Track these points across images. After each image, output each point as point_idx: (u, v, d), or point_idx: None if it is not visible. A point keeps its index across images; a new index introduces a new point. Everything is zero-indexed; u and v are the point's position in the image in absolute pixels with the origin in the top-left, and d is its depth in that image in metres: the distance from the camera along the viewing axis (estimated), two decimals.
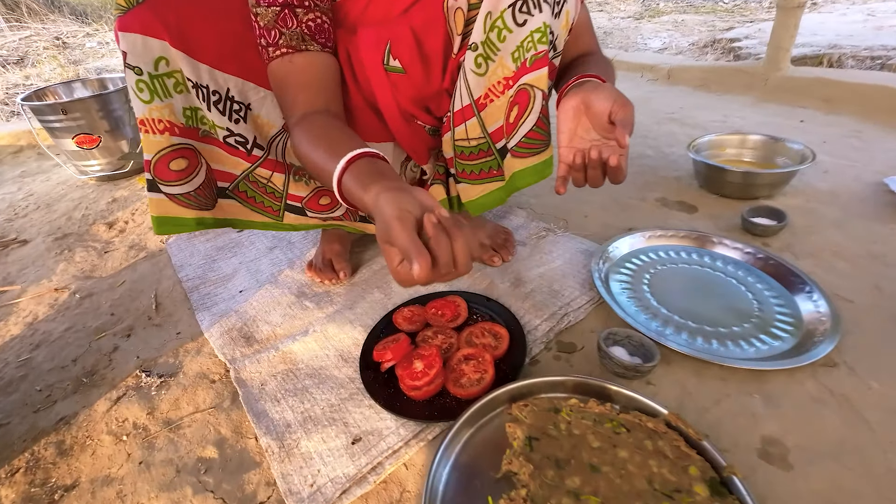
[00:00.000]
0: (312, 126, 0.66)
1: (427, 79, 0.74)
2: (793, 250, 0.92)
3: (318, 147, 0.62)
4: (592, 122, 0.64)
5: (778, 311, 0.76)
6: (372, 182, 0.49)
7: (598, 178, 0.66)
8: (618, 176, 0.64)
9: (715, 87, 1.93)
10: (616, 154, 0.62)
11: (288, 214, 0.86)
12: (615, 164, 0.62)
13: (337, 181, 0.53)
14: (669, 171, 1.29)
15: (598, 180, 0.66)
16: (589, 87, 0.64)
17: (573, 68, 0.77)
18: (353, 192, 0.51)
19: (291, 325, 0.84)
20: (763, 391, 0.63)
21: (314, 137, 0.64)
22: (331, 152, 0.60)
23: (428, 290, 0.87)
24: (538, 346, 0.73)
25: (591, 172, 0.66)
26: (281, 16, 0.62)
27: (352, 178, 0.52)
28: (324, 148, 0.62)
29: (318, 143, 0.63)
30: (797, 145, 1.12)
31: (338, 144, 0.62)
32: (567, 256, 0.93)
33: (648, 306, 0.79)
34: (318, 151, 0.60)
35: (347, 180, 0.52)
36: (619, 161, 0.62)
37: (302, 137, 0.64)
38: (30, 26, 3.89)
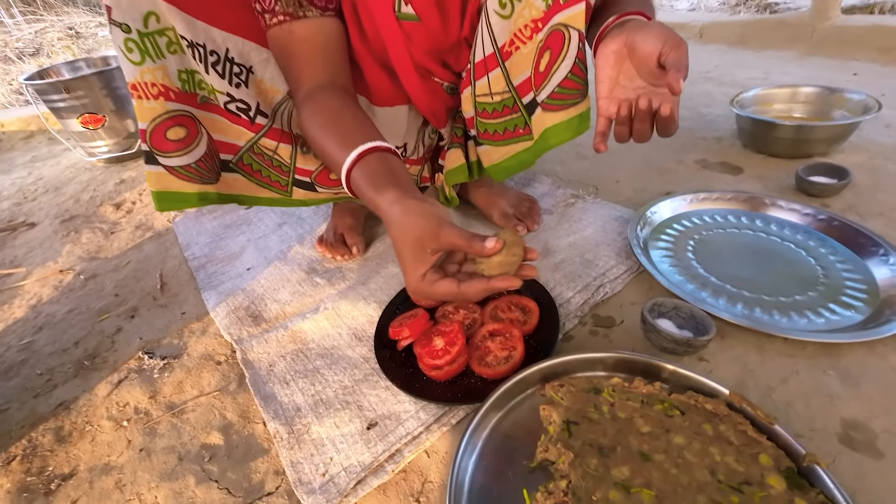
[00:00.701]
0: (320, 107, 0.60)
1: (444, 26, 0.65)
2: (857, 211, 0.81)
3: (327, 132, 0.57)
4: (638, 68, 0.54)
5: (847, 278, 0.67)
6: (384, 186, 0.48)
7: (646, 131, 0.56)
8: (670, 127, 0.54)
9: (754, 43, 1.77)
10: (668, 102, 0.53)
11: (297, 189, 0.79)
12: (667, 113, 0.52)
13: (346, 175, 0.51)
14: (708, 132, 1.17)
15: (646, 133, 0.56)
16: (633, 26, 0.54)
17: (610, 6, 0.67)
18: (363, 191, 0.50)
19: (301, 303, 0.78)
20: (839, 367, 0.55)
21: (322, 120, 0.59)
22: (340, 140, 0.56)
23: None
24: (572, 321, 0.65)
25: (637, 126, 0.56)
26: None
27: (362, 176, 0.50)
28: (333, 134, 0.57)
29: (326, 128, 0.58)
30: (858, 95, 1.00)
31: (347, 131, 0.58)
32: (599, 224, 0.85)
33: (696, 275, 0.71)
34: (327, 138, 0.56)
35: (357, 177, 0.51)
36: (671, 110, 0.52)
37: (310, 119, 0.59)
38: (45, 18, 3.89)
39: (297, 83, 0.61)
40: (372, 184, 0.49)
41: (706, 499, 0.41)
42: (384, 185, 0.48)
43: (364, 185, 0.50)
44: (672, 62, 0.49)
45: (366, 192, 0.49)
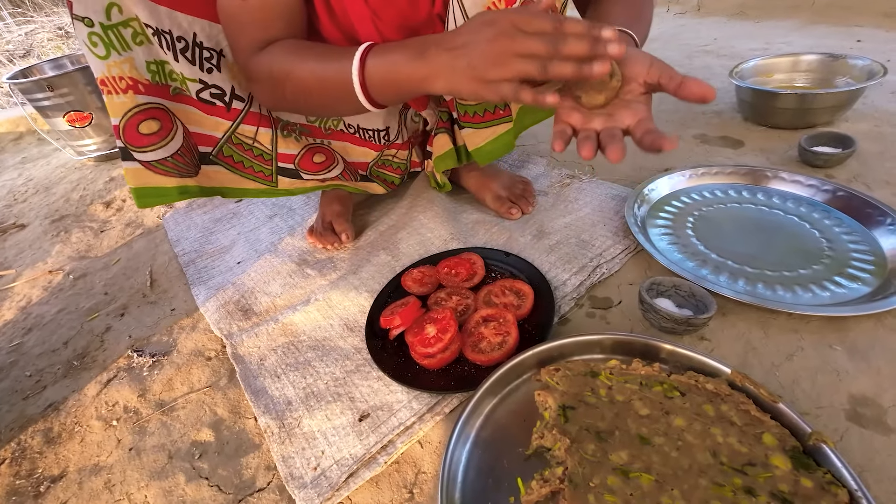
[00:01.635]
0: (289, 43, 0.57)
1: (413, 2, 0.62)
2: (863, 180, 0.78)
3: (308, 55, 0.54)
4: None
5: (854, 250, 0.64)
6: (412, 42, 0.46)
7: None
8: (657, 142, 0.42)
9: (754, 13, 1.72)
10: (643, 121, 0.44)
11: (282, 179, 0.77)
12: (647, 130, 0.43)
13: (359, 69, 0.49)
14: (707, 106, 1.14)
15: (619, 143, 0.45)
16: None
17: (599, 4, 0.63)
18: (393, 64, 0.47)
19: (292, 295, 0.76)
20: (846, 342, 0.52)
21: (297, 49, 0.56)
22: (331, 52, 0.53)
23: (438, 248, 0.78)
24: (568, 304, 0.63)
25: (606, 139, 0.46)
26: None
27: (383, 55, 0.48)
28: (317, 54, 0.54)
29: (305, 53, 0.55)
30: (862, 61, 0.96)
31: (334, 48, 0.55)
32: (596, 203, 0.82)
33: (696, 252, 0.68)
34: (312, 59, 0.53)
35: (377, 62, 0.48)
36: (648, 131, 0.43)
37: (279, 53, 0.56)
38: (35, 20, 3.84)
39: (253, 45, 0.57)
40: (403, 47, 0.47)
41: (708, 481, 0.40)
42: (406, 44, 0.47)
43: (392, 51, 0.47)
44: (668, 78, 0.44)
45: (397, 59, 0.47)
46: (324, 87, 0.53)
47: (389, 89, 0.50)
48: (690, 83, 0.42)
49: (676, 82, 0.43)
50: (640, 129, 0.43)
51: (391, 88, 0.49)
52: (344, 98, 0.52)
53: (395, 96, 0.51)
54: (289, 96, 0.57)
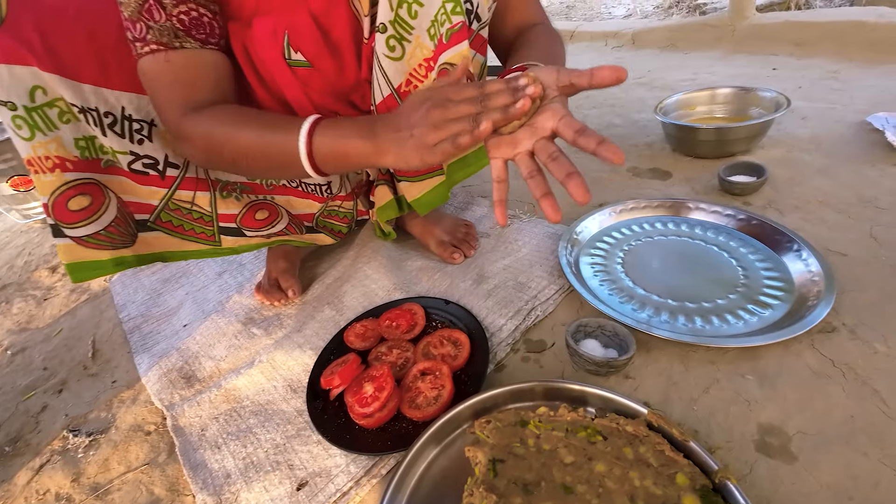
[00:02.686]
0: (228, 109, 0.57)
1: (340, 70, 0.65)
2: (777, 206, 0.84)
3: (251, 123, 0.54)
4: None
5: (766, 277, 0.69)
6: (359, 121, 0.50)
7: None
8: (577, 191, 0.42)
9: (682, 45, 1.85)
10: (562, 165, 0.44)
11: (225, 238, 0.78)
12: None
13: (307, 141, 0.50)
14: (640, 138, 1.21)
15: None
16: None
17: (515, 52, 0.67)
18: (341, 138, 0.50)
19: (237, 358, 0.76)
20: (757, 370, 0.56)
21: (239, 116, 0.56)
22: (277, 122, 0.54)
23: (382, 299, 0.79)
24: (503, 350, 0.65)
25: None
26: (146, 6, 0.52)
27: (330, 129, 0.50)
28: (259, 122, 0.54)
29: (248, 121, 0.55)
30: (769, 93, 1.04)
31: (279, 117, 0.55)
32: (534, 243, 0.86)
33: (623, 288, 0.71)
34: (255, 127, 0.54)
35: (324, 136, 0.50)
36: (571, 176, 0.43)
37: (219, 119, 0.55)
38: None
39: (183, 105, 0.55)
40: (350, 124, 0.50)
41: None
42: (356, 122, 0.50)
43: (341, 128, 0.50)
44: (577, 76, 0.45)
45: (344, 131, 0.50)
46: (267, 156, 0.54)
47: (337, 162, 0.52)
48: (600, 70, 0.44)
49: (587, 76, 0.45)
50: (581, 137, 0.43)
51: (339, 162, 0.52)
52: (287, 166, 0.53)
53: (345, 168, 0.53)
54: (227, 160, 0.57)
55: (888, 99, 1.14)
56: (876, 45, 1.38)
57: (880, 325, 0.58)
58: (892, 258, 0.68)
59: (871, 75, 1.29)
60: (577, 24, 2.41)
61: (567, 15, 3.27)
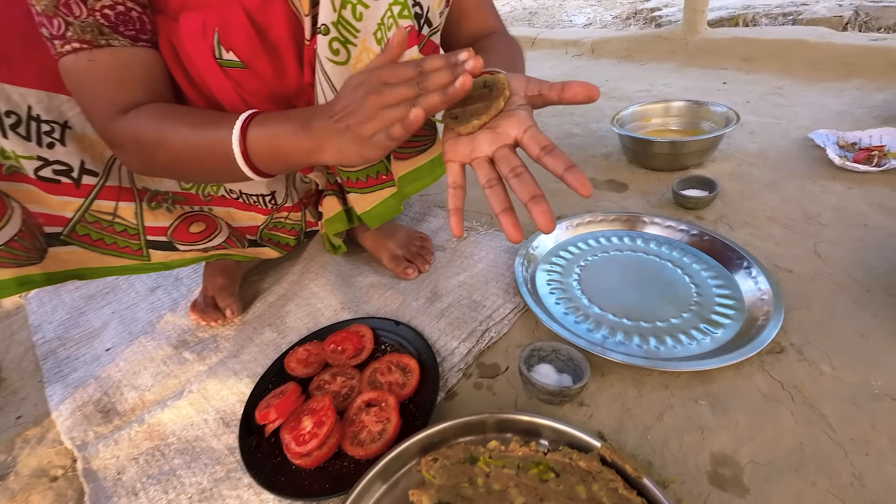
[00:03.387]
0: (157, 108, 0.52)
1: (280, 73, 0.60)
2: (727, 220, 0.85)
3: (181, 121, 0.50)
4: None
5: (718, 294, 0.68)
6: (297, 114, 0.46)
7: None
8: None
9: (639, 56, 1.88)
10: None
11: (154, 252, 0.70)
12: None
13: (241, 136, 0.47)
14: (598, 149, 1.21)
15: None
16: None
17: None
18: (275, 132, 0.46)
19: (164, 387, 0.69)
20: (710, 394, 0.55)
21: (168, 114, 0.51)
22: (207, 120, 0.50)
23: (329, 319, 0.74)
24: (455, 375, 0.61)
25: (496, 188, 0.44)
26: (62, 0, 0.46)
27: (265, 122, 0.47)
28: (191, 121, 0.50)
29: (177, 119, 0.51)
30: (720, 108, 1.06)
31: (210, 114, 0.51)
32: (490, 258, 0.83)
33: (579, 307, 0.70)
34: (185, 126, 0.50)
35: (259, 131, 0.47)
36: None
37: (146, 119, 0.50)
38: None
39: (111, 107, 0.51)
40: (286, 118, 0.46)
41: None
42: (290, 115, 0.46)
43: (275, 122, 0.47)
44: (548, 88, 0.43)
45: (282, 124, 0.46)
46: (200, 157, 0.50)
47: (276, 160, 0.48)
48: (573, 85, 0.41)
49: (558, 89, 0.42)
50: (548, 156, 0.39)
51: (278, 160, 0.48)
52: (224, 168, 0.50)
53: (284, 167, 0.50)
54: (161, 164, 0.53)
55: (827, 116, 1.19)
56: (816, 63, 1.45)
57: (825, 345, 0.59)
58: (835, 275, 0.69)
59: (812, 92, 1.35)
60: (539, 30, 2.42)
61: (529, 21, 3.30)
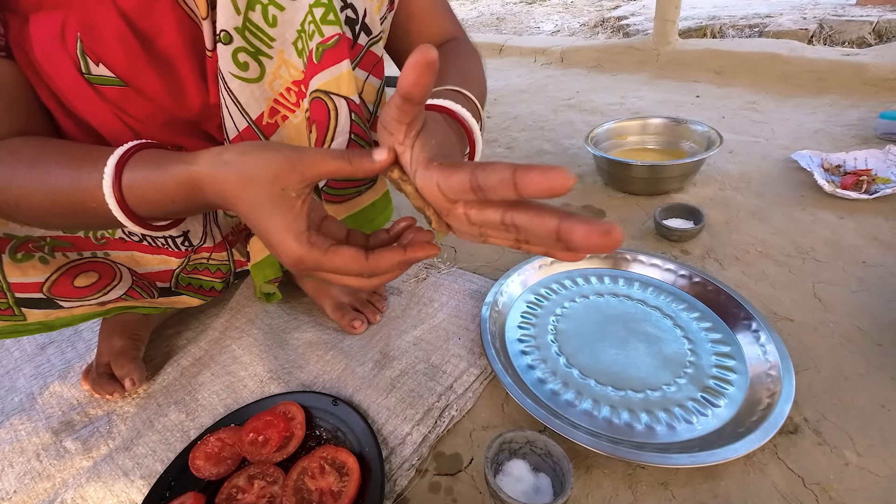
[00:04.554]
0: (13, 144, 0.40)
1: (177, 93, 0.46)
2: (715, 255, 0.77)
3: (36, 161, 0.38)
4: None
5: (715, 353, 0.59)
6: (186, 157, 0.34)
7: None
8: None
9: (609, 66, 1.82)
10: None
11: (31, 311, 0.55)
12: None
13: (114, 184, 0.35)
14: (571, 168, 1.10)
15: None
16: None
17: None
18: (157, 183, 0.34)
19: (30, 494, 0.53)
20: (720, 496, 0.44)
21: (30, 154, 0.39)
22: (75, 158, 0.37)
23: (252, 393, 0.60)
24: (406, 474, 0.49)
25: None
26: None
27: (145, 167, 0.35)
28: (58, 158, 0.38)
29: (38, 157, 0.39)
30: (701, 127, 0.99)
31: (78, 150, 0.39)
32: (453, 305, 0.71)
33: (556, 371, 0.59)
34: (51, 165, 0.37)
35: (135, 176, 0.35)
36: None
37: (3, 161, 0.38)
38: None
39: None
40: (169, 161, 0.34)
41: None
42: (189, 154, 0.34)
43: (156, 172, 0.35)
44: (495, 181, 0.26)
45: (161, 178, 0.34)
46: (66, 208, 0.38)
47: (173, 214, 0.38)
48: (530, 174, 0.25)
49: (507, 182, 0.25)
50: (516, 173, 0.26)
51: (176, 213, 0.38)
52: (97, 217, 0.38)
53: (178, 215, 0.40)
54: (25, 219, 0.42)
55: (805, 134, 1.14)
56: (789, 78, 1.41)
57: (844, 422, 0.49)
58: (840, 324, 0.61)
59: (786, 108, 1.30)
60: (507, 37, 2.34)
61: (497, 27, 3.22)
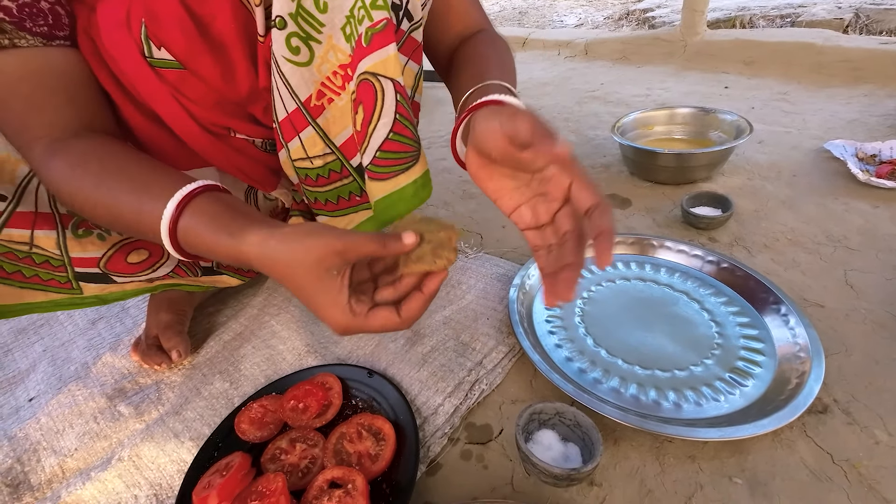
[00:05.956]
0: (86, 153, 0.43)
1: (228, 75, 0.49)
2: (744, 243, 0.76)
3: (114, 181, 0.41)
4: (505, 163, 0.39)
5: (743, 336, 0.59)
6: (240, 227, 0.36)
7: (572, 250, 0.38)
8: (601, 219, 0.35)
9: (635, 58, 1.80)
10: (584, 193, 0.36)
11: (87, 285, 0.59)
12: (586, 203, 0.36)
13: (170, 231, 0.37)
14: (596, 158, 1.11)
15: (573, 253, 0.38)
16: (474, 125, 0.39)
17: (460, 68, 0.54)
18: (207, 243, 0.37)
19: (90, 451, 0.57)
20: (746, 470, 0.45)
21: (99, 168, 0.42)
22: (140, 187, 0.40)
23: (291, 365, 0.63)
24: (439, 441, 0.51)
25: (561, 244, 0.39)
26: None
27: (200, 224, 0.37)
28: (125, 182, 0.41)
29: (109, 176, 0.42)
30: (730, 116, 0.98)
31: (148, 175, 0.41)
32: (480, 287, 0.73)
33: (584, 350, 0.60)
34: (117, 189, 0.40)
35: (191, 227, 0.37)
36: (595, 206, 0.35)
37: (72, 170, 0.42)
38: None
39: (26, 131, 0.43)
40: (221, 228, 0.36)
41: None
42: (240, 226, 0.36)
43: (208, 233, 0.37)
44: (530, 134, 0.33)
45: (213, 241, 0.37)
46: (125, 227, 0.42)
47: (206, 256, 0.40)
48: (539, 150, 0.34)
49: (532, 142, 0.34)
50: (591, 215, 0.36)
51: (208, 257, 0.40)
52: (149, 238, 0.41)
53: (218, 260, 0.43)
54: (88, 217, 0.46)
55: (839, 124, 1.12)
56: (822, 67, 1.37)
57: (874, 403, 0.50)
58: (872, 312, 0.61)
59: (819, 98, 1.27)
60: (530, 30, 2.33)
61: (519, 21, 3.21)
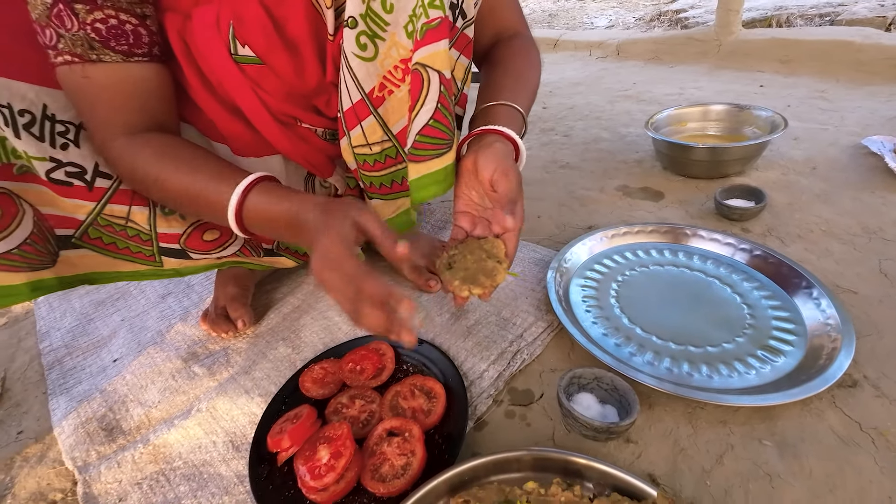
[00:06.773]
0: (162, 142, 0.52)
1: (299, 71, 0.56)
2: (777, 233, 0.79)
3: (181, 165, 0.50)
4: (483, 189, 0.56)
5: (775, 317, 0.62)
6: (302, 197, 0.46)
7: None
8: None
9: (667, 58, 1.81)
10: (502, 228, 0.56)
11: (167, 259, 0.67)
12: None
13: (238, 204, 0.47)
14: (629, 154, 1.14)
15: None
16: (483, 144, 0.54)
17: (487, 73, 0.64)
18: (270, 211, 0.47)
19: (171, 404, 0.64)
20: (776, 434, 0.48)
21: (175, 154, 0.51)
22: (213, 172, 0.50)
23: (346, 334, 0.69)
24: (485, 402, 0.56)
25: None
26: (55, 11, 0.44)
27: (265, 200, 0.47)
28: (201, 166, 0.50)
29: (178, 162, 0.51)
30: (765, 112, 0.99)
31: (216, 164, 0.51)
32: (518, 270, 0.77)
33: (619, 327, 0.64)
34: (184, 171, 0.49)
35: (257, 202, 0.47)
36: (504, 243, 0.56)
37: (145, 155, 0.50)
38: None
39: (106, 128, 0.51)
40: (284, 197, 0.47)
41: None
42: (302, 196, 0.46)
43: (271, 205, 0.47)
44: (502, 193, 0.51)
45: (275, 209, 0.47)
46: (196, 205, 0.51)
47: (267, 234, 0.51)
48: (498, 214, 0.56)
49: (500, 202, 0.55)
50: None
51: (269, 234, 0.52)
52: (215, 218, 0.51)
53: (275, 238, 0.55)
54: (154, 197, 0.56)
55: (878, 122, 1.11)
56: (862, 65, 1.36)
57: None
58: None
59: (857, 96, 1.27)
60: (561, 32, 2.36)
61: (549, 23, 3.24)
